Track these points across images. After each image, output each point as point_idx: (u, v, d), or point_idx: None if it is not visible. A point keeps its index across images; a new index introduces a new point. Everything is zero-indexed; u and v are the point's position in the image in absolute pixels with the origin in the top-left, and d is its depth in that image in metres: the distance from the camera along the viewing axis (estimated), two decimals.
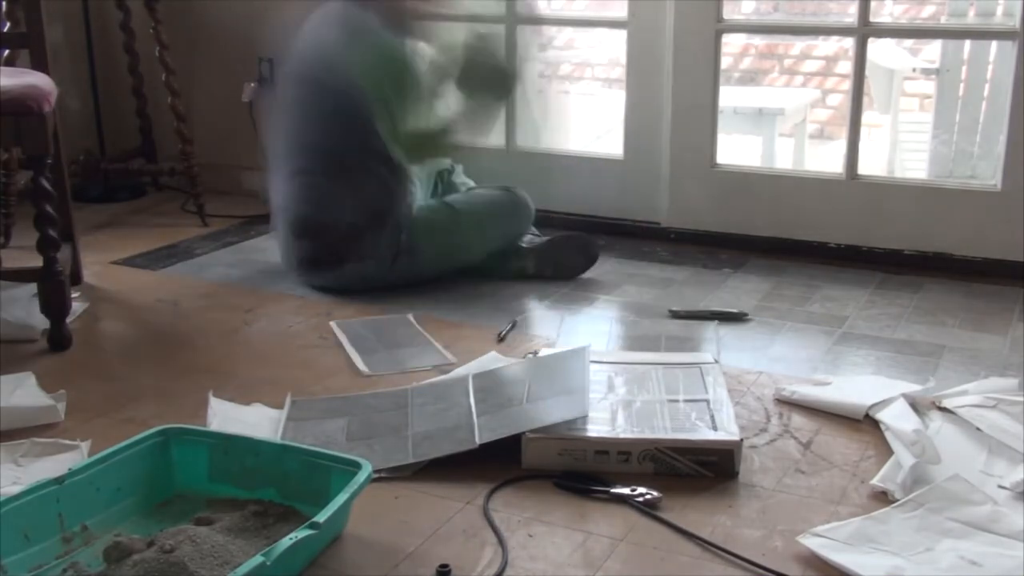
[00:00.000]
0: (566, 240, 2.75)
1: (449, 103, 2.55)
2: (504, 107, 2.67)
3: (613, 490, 1.65)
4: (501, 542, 1.52)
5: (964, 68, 3.86)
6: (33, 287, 2.31)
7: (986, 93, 3.77)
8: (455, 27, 2.67)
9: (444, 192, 2.82)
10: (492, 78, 2.54)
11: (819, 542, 1.49)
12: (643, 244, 3.05)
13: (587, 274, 2.76)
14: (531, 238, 2.78)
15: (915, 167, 4.31)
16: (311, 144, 2.55)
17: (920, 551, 1.47)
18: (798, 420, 1.92)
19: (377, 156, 2.53)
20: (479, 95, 2.54)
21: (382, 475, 1.67)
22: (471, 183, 2.92)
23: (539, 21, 3.55)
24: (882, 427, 1.85)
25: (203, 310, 2.53)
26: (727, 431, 1.74)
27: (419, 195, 2.69)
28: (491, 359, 2.15)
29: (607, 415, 1.81)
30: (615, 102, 4.12)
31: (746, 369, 2.14)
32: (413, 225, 2.58)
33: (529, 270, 2.70)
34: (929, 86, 4.69)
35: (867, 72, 2.94)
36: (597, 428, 1.76)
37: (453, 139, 2.56)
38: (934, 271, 2.77)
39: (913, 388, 1.96)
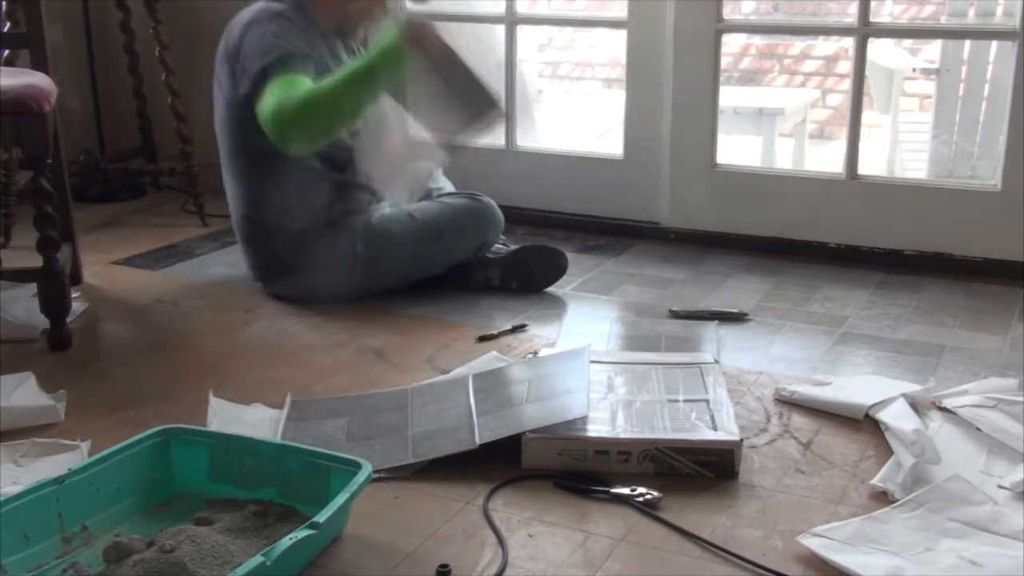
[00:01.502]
0: (533, 251, 2.64)
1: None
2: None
3: (613, 490, 1.65)
4: (501, 542, 1.52)
5: (964, 68, 3.86)
6: (33, 287, 2.31)
7: (986, 93, 3.77)
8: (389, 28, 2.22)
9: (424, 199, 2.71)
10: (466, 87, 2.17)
11: (819, 542, 1.49)
12: (643, 244, 3.05)
13: (583, 276, 2.76)
14: (498, 247, 2.67)
15: (915, 167, 4.32)
16: (234, 145, 2.50)
17: (920, 551, 1.47)
18: (798, 420, 1.92)
19: (315, 158, 2.43)
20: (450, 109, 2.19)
21: (382, 475, 1.67)
22: (446, 187, 2.79)
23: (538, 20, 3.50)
24: (882, 427, 1.85)
25: (203, 310, 2.53)
26: (727, 431, 1.74)
27: (384, 203, 2.61)
28: (491, 359, 2.15)
29: (607, 415, 1.81)
30: (615, 102, 4.13)
31: (746, 369, 2.14)
32: (369, 234, 2.51)
33: (494, 281, 2.60)
34: (929, 86, 4.69)
35: (867, 72, 2.94)
36: (597, 428, 1.76)
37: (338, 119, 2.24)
38: (934, 271, 2.77)
39: (913, 388, 1.96)
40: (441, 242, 2.56)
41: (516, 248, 2.66)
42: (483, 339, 2.30)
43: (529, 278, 2.63)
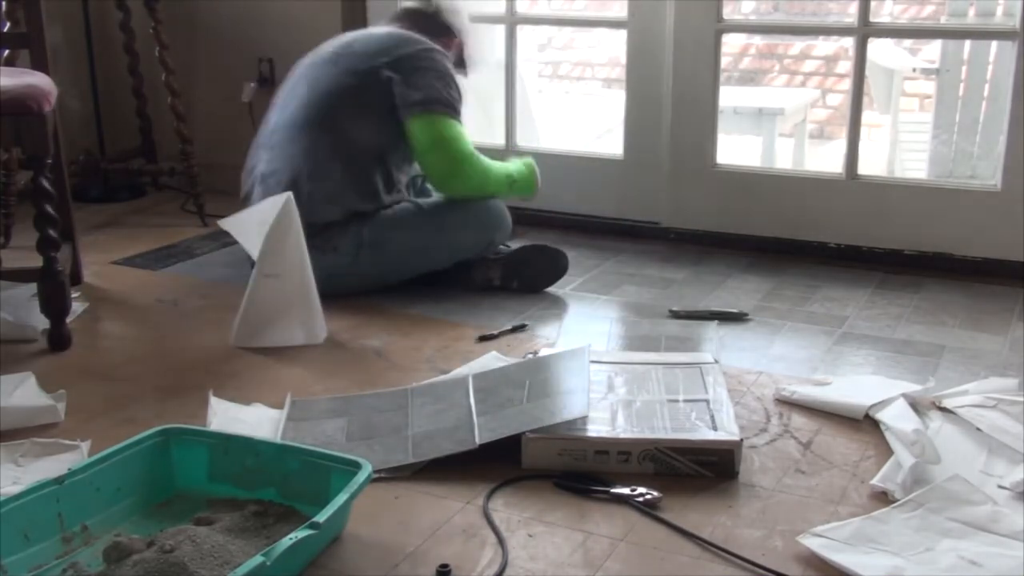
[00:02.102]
0: (534, 251, 2.66)
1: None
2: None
3: (613, 490, 1.65)
4: (501, 542, 1.52)
5: (964, 68, 3.86)
6: (33, 287, 2.30)
7: (986, 93, 3.77)
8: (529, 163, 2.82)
9: (419, 194, 2.76)
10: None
11: (819, 542, 1.49)
12: (643, 244, 3.05)
13: (583, 276, 2.76)
14: (499, 247, 2.70)
15: (915, 167, 4.31)
16: (334, 128, 2.52)
17: (920, 551, 1.47)
18: (798, 420, 1.92)
19: (385, 162, 2.56)
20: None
21: (382, 475, 1.68)
22: None
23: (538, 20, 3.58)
24: (882, 427, 1.85)
25: (203, 310, 2.53)
26: (727, 431, 1.74)
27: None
28: (491, 359, 2.15)
29: (607, 415, 1.81)
30: (615, 102, 4.12)
31: (746, 369, 2.14)
32: (376, 221, 2.53)
33: (495, 281, 2.62)
34: (929, 86, 4.69)
35: (867, 72, 2.94)
36: (597, 428, 1.76)
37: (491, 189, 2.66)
38: (934, 271, 2.77)
39: (913, 388, 1.96)
40: (445, 234, 2.58)
41: (517, 248, 2.67)
42: (483, 339, 2.30)
43: (530, 278, 2.63)
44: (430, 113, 2.53)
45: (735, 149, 4.13)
